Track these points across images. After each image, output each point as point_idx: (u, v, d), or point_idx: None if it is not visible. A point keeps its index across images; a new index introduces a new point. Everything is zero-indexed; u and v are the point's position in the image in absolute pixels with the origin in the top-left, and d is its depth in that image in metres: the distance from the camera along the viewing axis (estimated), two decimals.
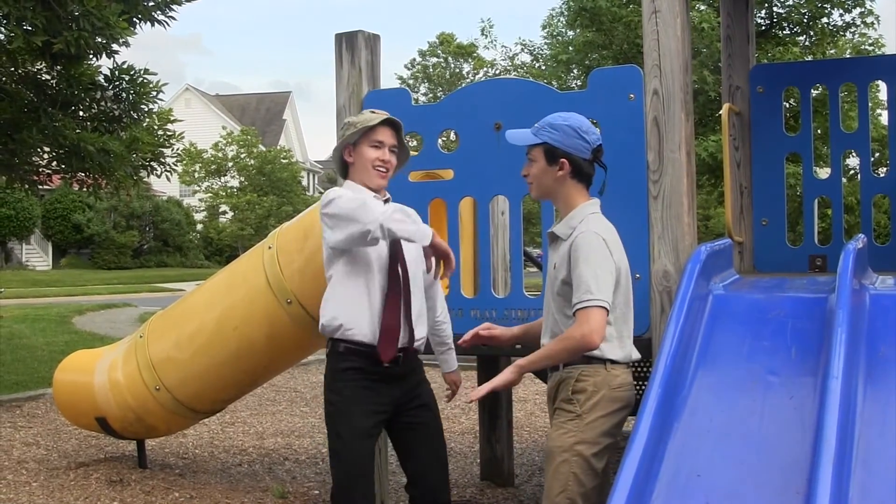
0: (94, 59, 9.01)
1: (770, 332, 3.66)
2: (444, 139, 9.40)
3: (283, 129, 57.97)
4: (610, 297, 3.41)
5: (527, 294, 4.75)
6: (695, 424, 3.34)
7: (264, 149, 46.32)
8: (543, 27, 27.18)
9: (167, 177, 10.90)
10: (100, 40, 8.29)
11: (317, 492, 6.03)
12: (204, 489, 6.05)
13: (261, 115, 58.56)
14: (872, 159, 6.51)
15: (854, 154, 7.36)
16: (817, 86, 6.87)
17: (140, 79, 9.25)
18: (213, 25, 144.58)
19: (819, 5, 21.02)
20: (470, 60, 45.46)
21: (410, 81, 45.06)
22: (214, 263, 42.02)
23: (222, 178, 45.32)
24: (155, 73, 9.37)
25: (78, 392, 6.31)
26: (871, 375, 3.34)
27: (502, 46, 69.85)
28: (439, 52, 45.96)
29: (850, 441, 3.04)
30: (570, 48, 23.99)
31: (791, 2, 21.28)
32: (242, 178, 45.08)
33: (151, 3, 9.06)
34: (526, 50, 31.21)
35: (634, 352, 3.61)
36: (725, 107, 5.45)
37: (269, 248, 5.52)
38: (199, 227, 46.44)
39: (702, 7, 20.87)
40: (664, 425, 3.28)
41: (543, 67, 27.67)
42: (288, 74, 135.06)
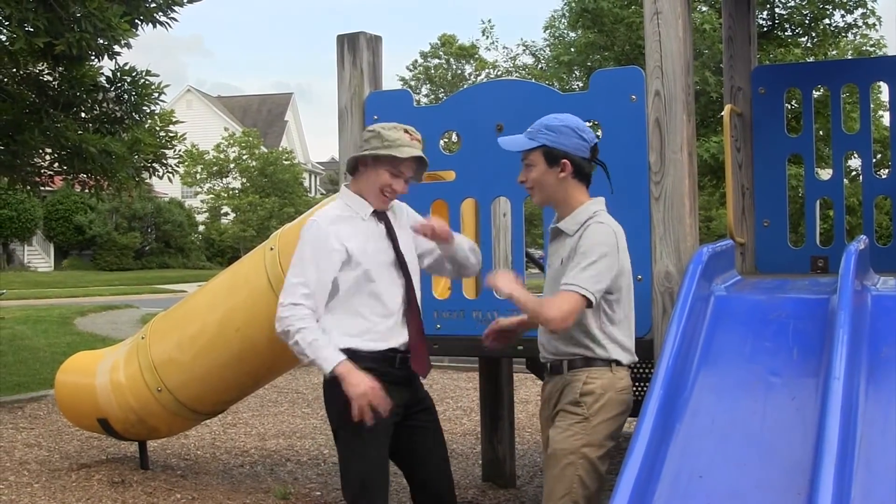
0: (96, 60, 9.02)
1: (772, 332, 3.66)
2: (446, 140, 9.40)
3: (285, 130, 57.97)
4: (600, 291, 3.38)
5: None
6: (697, 425, 3.34)
7: (266, 150, 46.33)
8: (545, 28, 27.19)
9: (169, 178, 10.91)
10: (101, 42, 8.29)
11: (318, 493, 6.04)
12: (206, 490, 6.05)
13: (262, 116, 58.57)
14: (874, 160, 6.51)
15: (856, 155, 7.37)
16: (819, 87, 6.86)
17: (142, 80, 9.26)
18: (214, 27, 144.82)
19: (821, 6, 21.02)
20: (472, 62, 45.45)
21: (412, 83, 45.06)
22: (216, 265, 42.03)
23: (224, 179, 45.33)
24: (157, 75, 9.39)
25: (80, 393, 6.31)
26: (873, 376, 3.34)
27: (504, 48, 69.97)
28: (441, 53, 45.96)
29: (852, 442, 3.04)
30: (572, 49, 23.99)
31: (793, 3, 21.29)
32: (244, 180, 45.08)
33: (153, 5, 9.06)
34: (528, 51, 31.24)
35: (634, 355, 3.61)
36: (727, 108, 5.45)
37: (271, 249, 5.52)
38: (201, 228, 46.44)
39: (703, 8, 20.87)
40: (666, 426, 3.29)
41: (545, 68, 27.67)
42: (290, 76, 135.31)
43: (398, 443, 3.89)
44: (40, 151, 9.69)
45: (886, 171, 6.13)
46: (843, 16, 21.46)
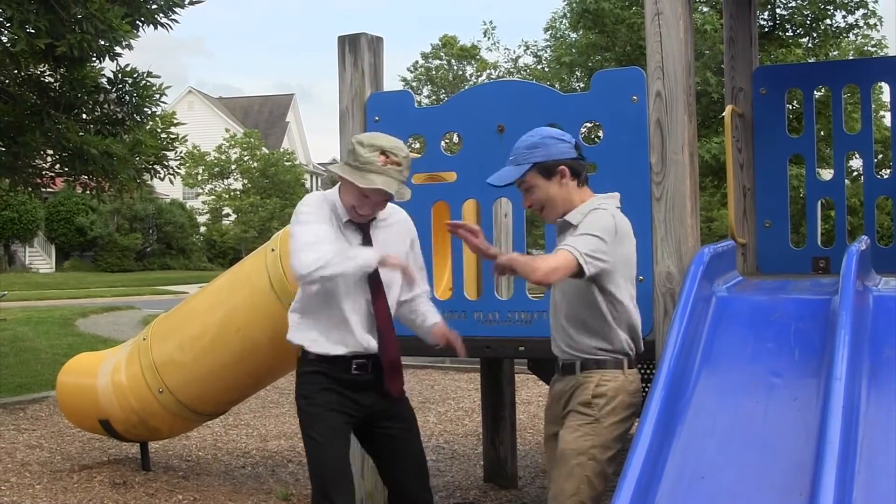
0: (97, 61, 9.04)
1: (773, 333, 3.66)
2: (447, 141, 9.40)
3: (286, 131, 57.94)
4: (593, 263, 3.36)
5: (530, 296, 4.74)
6: (698, 426, 3.34)
7: (267, 151, 46.34)
8: (546, 29, 27.20)
9: (170, 179, 10.91)
10: (103, 43, 8.30)
11: None
12: (207, 491, 6.05)
13: (264, 117, 58.55)
14: (875, 161, 6.50)
15: (857, 156, 7.36)
16: (820, 87, 6.85)
17: (143, 81, 9.27)
18: (215, 28, 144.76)
19: (822, 7, 21.00)
20: (473, 62, 45.46)
21: (413, 83, 45.06)
22: (217, 266, 42.00)
23: (225, 180, 45.33)
24: (158, 76, 9.40)
25: (81, 394, 6.31)
26: (875, 377, 3.34)
27: (505, 48, 70.03)
28: (442, 54, 45.96)
29: (854, 442, 3.04)
30: (573, 50, 23.98)
31: (794, 4, 21.27)
32: (245, 181, 45.09)
33: (154, 6, 9.07)
34: (529, 52, 31.25)
35: (641, 345, 3.63)
36: (728, 108, 5.45)
37: (273, 250, 5.52)
38: (202, 229, 46.43)
39: (704, 9, 20.86)
40: (668, 427, 3.29)
41: (546, 69, 27.66)
42: (291, 77, 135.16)
43: (369, 449, 3.95)
44: (41, 153, 9.71)
45: (888, 171, 6.12)
46: (844, 16, 21.45)
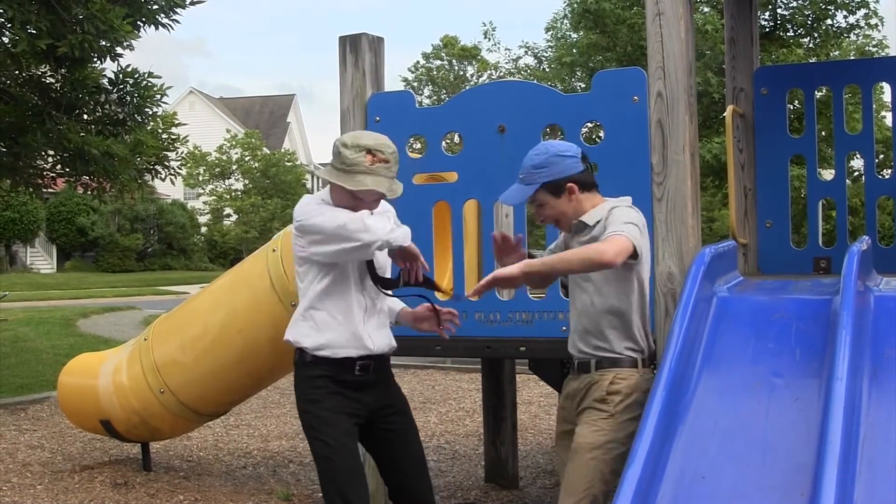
0: (99, 62, 9.04)
1: (774, 334, 3.66)
2: (448, 142, 9.41)
3: (287, 131, 57.92)
4: (638, 240, 3.43)
5: (531, 296, 4.74)
6: (699, 426, 3.34)
7: (268, 151, 46.32)
8: (547, 30, 27.26)
9: (171, 180, 10.92)
10: (104, 43, 8.31)
11: (321, 494, 6.03)
12: (208, 492, 6.05)
13: (265, 117, 58.53)
14: (876, 161, 6.51)
15: (858, 156, 7.36)
16: (821, 87, 6.85)
17: (144, 82, 9.27)
18: (216, 28, 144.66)
19: (823, 7, 21.00)
20: (474, 63, 45.46)
21: (414, 84, 45.06)
22: (218, 266, 42.00)
23: (226, 180, 45.32)
24: (159, 77, 9.41)
25: (82, 395, 6.32)
26: (876, 377, 3.33)
27: (506, 49, 69.97)
28: (443, 54, 45.94)
29: (855, 443, 3.04)
30: (574, 50, 24.00)
31: (795, 4, 21.27)
32: (246, 181, 45.08)
33: (155, 7, 9.07)
34: (529, 52, 31.26)
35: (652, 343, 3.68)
36: (729, 109, 5.45)
37: (274, 250, 5.52)
38: (204, 229, 46.42)
39: (705, 9, 20.86)
40: (669, 427, 3.28)
41: (547, 70, 27.69)
42: (292, 77, 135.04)
43: (371, 447, 3.91)
44: (43, 153, 9.71)
45: (889, 171, 6.12)
46: (845, 16, 21.45)
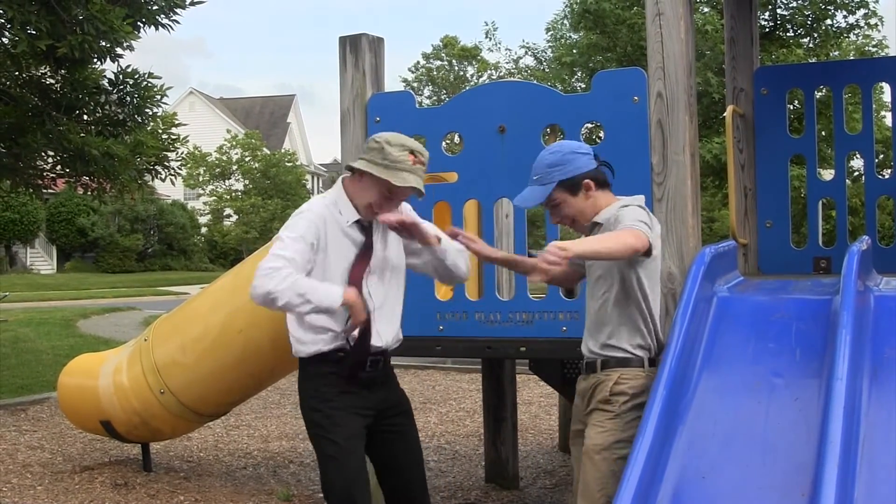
0: (99, 62, 9.03)
1: (774, 333, 3.66)
2: (448, 142, 9.41)
3: (288, 132, 57.93)
4: (650, 236, 3.41)
5: (531, 297, 4.75)
6: (699, 426, 3.34)
7: (268, 152, 46.32)
8: (547, 30, 27.23)
9: (171, 180, 10.92)
10: (104, 44, 8.31)
11: (321, 495, 6.03)
12: (209, 492, 6.05)
13: (265, 118, 58.53)
14: (876, 161, 6.51)
15: (858, 156, 7.36)
16: (821, 88, 6.86)
17: (144, 82, 9.27)
18: (216, 29, 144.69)
19: (823, 7, 21.00)
20: (474, 63, 45.47)
21: (414, 84, 45.08)
22: (219, 267, 41.99)
23: (227, 181, 45.33)
24: (159, 77, 9.40)
25: (83, 396, 6.31)
26: (876, 377, 3.34)
27: (506, 49, 70.08)
28: (443, 55, 45.96)
29: (855, 442, 3.04)
30: (574, 50, 24.00)
31: (795, 4, 21.27)
32: (247, 182, 45.09)
33: (155, 7, 9.07)
34: (530, 52, 31.28)
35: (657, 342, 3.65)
36: (729, 109, 5.45)
37: None
38: (204, 230, 46.43)
39: (705, 9, 20.86)
40: (669, 427, 3.29)
41: (547, 70, 27.71)
42: (292, 77, 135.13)
43: (373, 446, 3.88)
44: (43, 154, 9.71)
45: (889, 171, 6.13)
46: (845, 16, 21.45)
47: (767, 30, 20.85)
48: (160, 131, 10.64)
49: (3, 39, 8.51)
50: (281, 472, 6.65)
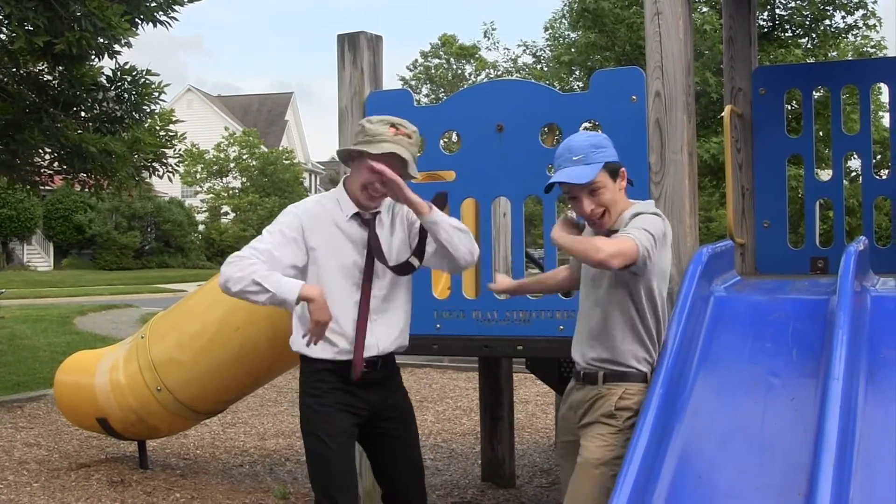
0: (96, 59, 9.02)
1: (771, 333, 3.66)
2: (446, 140, 9.40)
3: (285, 129, 57.93)
4: (649, 255, 3.24)
5: (529, 296, 4.74)
6: (696, 426, 3.35)
7: (266, 150, 46.33)
8: (546, 29, 27.27)
9: (169, 177, 10.91)
10: (102, 41, 8.30)
11: None
12: (205, 490, 6.05)
13: (263, 115, 58.53)
14: (874, 161, 6.52)
15: (855, 156, 7.36)
16: (819, 88, 6.86)
17: (142, 79, 9.26)
18: (215, 26, 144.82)
19: (821, 7, 21.02)
20: (472, 62, 45.48)
21: (413, 82, 45.08)
22: (216, 264, 41.88)
23: (224, 178, 45.34)
24: (157, 74, 9.39)
25: (79, 393, 6.31)
26: (873, 377, 3.34)
27: (504, 48, 70.14)
28: (441, 53, 45.98)
29: (851, 442, 3.05)
30: (573, 50, 24.01)
31: (793, 4, 21.29)
32: (244, 179, 45.09)
33: (153, 4, 9.06)
34: (528, 51, 31.28)
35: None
36: (727, 108, 5.45)
37: None
38: (201, 227, 46.40)
39: (704, 9, 20.88)
40: (666, 427, 3.28)
41: (545, 69, 27.70)
42: (290, 75, 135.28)
43: (368, 447, 3.87)
44: (40, 151, 9.69)
45: (886, 171, 6.13)
46: (843, 17, 21.48)
47: (766, 30, 20.87)
48: (158, 128, 10.64)
49: (1, 36, 8.50)
50: (277, 470, 6.65)
